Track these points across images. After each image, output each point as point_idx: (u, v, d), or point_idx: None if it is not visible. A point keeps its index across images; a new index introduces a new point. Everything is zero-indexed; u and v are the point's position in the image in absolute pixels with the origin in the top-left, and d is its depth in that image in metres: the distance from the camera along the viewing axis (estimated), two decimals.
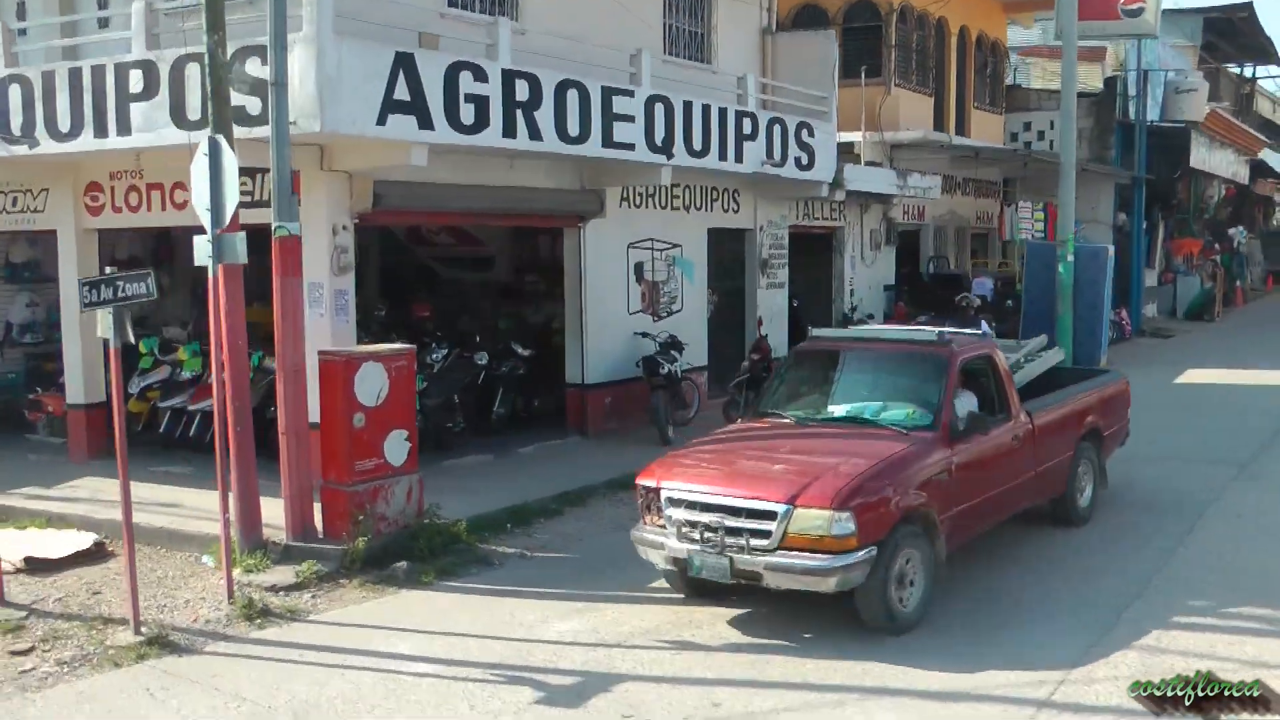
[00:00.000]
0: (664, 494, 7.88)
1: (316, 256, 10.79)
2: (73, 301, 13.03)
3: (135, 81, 10.76)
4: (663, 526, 7.87)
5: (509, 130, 11.30)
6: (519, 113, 11.39)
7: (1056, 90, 26.16)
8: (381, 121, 10.11)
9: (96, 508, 11.11)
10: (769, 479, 7.69)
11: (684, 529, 7.68)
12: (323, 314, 10.90)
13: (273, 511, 9.61)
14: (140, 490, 11.78)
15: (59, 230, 13.12)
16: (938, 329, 9.75)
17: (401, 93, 10.24)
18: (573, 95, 11.99)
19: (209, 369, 13.25)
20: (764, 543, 7.34)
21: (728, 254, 16.58)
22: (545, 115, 11.67)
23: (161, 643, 7.79)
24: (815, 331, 10.11)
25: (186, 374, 13.49)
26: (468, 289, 16.84)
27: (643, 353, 14.35)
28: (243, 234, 8.43)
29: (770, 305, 17.22)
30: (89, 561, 9.93)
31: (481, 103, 10.98)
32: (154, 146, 10.81)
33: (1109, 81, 26.66)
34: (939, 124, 21.79)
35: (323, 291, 10.91)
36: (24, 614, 8.54)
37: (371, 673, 7.18)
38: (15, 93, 11.60)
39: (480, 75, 10.96)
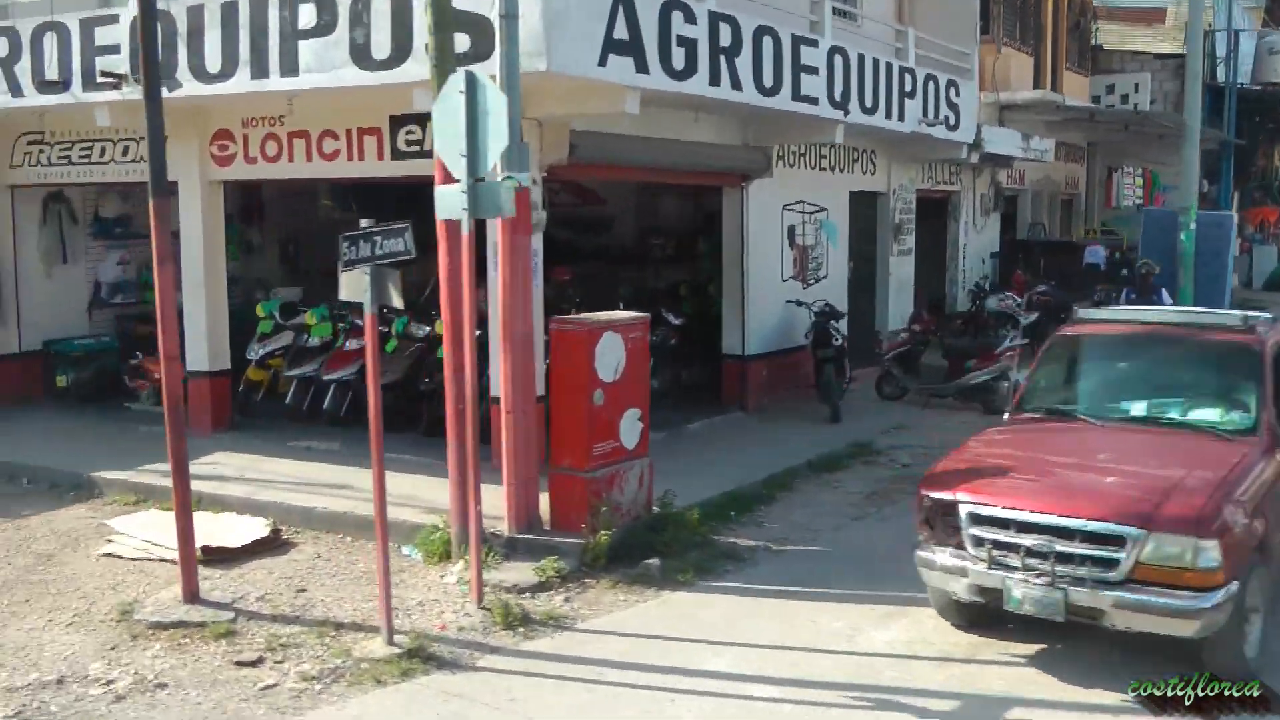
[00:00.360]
0: (964, 509, 6.53)
1: None
2: (196, 260, 11.92)
3: (306, 17, 9.59)
4: (959, 547, 6.57)
5: (714, 78, 10.25)
6: (722, 59, 10.34)
7: (1138, 52, 25.51)
8: (603, 63, 9.02)
9: (255, 488, 10.03)
10: (1108, 495, 6.41)
11: (996, 553, 6.39)
12: None
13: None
14: (288, 467, 10.78)
15: (180, 182, 11.85)
16: (1241, 312, 8.68)
17: (620, 32, 9.15)
18: (767, 43, 10.94)
19: (343, 335, 12.21)
20: (1109, 574, 6.06)
21: (861, 218, 15.60)
22: (745, 63, 10.63)
23: (423, 656, 6.75)
24: (1083, 312, 8.98)
25: (315, 340, 12.35)
26: (585, 252, 15.71)
27: (795, 321, 13.43)
28: (510, 182, 7.31)
29: (900, 273, 16.31)
30: (269, 551, 8.85)
31: (690, 46, 9.91)
32: (329, 88, 9.63)
33: None
34: (1037, 84, 20.87)
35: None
36: (230, 615, 7.44)
37: (712, 698, 6.23)
38: None
39: (690, 16, 9.88)
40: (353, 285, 6.75)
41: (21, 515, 9.93)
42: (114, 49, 10.68)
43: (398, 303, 6.77)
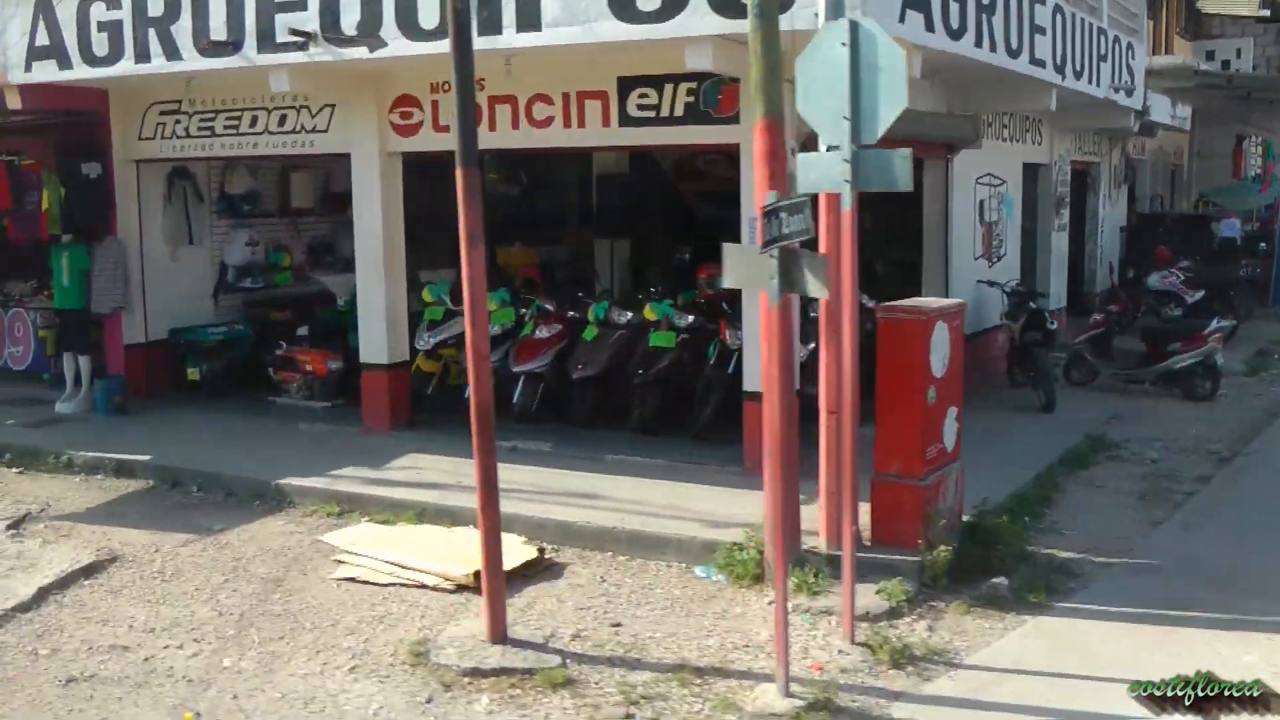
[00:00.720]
0: None
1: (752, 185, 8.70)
2: (373, 241, 10.88)
3: None
4: None
5: (979, 40, 9.31)
6: (983, 19, 9.40)
7: (1238, 16, 24.71)
8: (902, 18, 8.08)
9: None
10: None
11: None
12: None
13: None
14: (504, 472, 9.33)
15: (354, 155, 10.84)
16: None
17: None
18: (1014, 1, 9.99)
19: (530, 322, 11.23)
20: None
21: (1027, 191, 14.72)
22: (999, 23, 9.70)
23: (831, 709, 5.81)
24: None
25: (495, 328, 11.28)
26: (726, 229, 14.69)
27: (984, 302, 12.58)
28: (906, 151, 6.33)
29: (1059, 249, 15.47)
30: (540, 575, 7.81)
31: (962, 4, 8.96)
32: (576, 45, 8.56)
33: None
34: (1154, 49, 20.03)
35: (758, 229, 8.81)
36: (556, 659, 6.40)
37: None
38: None
39: None
40: (749, 270, 5.77)
41: (213, 530, 8.87)
42: (298, 5, 9.57)
43: (819, 293, 5.78)
